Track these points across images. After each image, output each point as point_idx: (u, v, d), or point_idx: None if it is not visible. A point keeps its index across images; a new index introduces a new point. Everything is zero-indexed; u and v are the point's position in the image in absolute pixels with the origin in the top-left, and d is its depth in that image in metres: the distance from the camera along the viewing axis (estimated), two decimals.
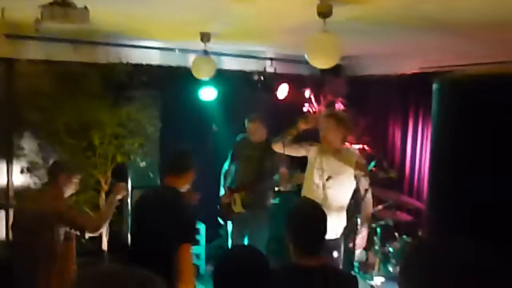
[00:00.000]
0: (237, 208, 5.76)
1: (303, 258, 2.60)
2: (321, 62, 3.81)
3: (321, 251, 2.67)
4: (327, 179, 4.56)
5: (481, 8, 3.52)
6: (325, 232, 2.70)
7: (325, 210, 2.82)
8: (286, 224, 2.73)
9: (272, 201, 5.89)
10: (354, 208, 4.75)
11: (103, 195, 5.69)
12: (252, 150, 5.70)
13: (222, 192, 5.99)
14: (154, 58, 6.31)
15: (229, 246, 5.90)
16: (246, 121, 5.74)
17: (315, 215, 2.74)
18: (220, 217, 6.00)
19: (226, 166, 6.02)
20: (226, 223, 6.04)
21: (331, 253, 4.41)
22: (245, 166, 5.77)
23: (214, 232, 6.81)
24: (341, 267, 4.58)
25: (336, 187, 4.56)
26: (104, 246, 5.75)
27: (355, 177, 4.56)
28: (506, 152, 1.71)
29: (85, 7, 3.23)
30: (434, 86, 2.07)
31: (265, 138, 5.63)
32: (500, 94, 1.76)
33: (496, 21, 3.93)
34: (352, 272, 5.33)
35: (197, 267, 6.40)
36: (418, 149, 6.28)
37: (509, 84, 1.78)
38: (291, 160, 5.50)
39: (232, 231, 5.86)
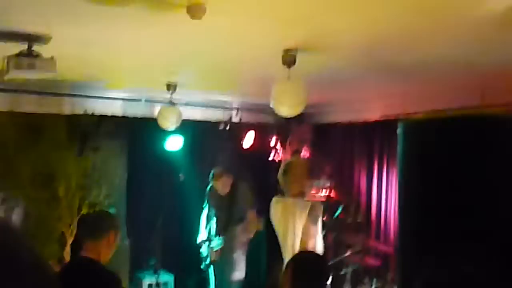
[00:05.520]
0: (213, 255, 5.95)
1: None
2: (287, 110, 3.86)
3: None
4: None
5: (441, 54, 3.66)
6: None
7: None
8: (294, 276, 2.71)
9: (245, 246, 6.00)
10: None
11: (67, 248, 5.56)
12: (221, 200, 5.88)
13: (200, 234, 6.11)
14: (120, 108, 6.30)
15: None
16: (210, 178, 5.89)
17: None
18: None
19: (203, 211, 6.16)
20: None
21: None
22: (217, 215, 5.96)
23: (183, 283, 6.69)
24: None
25: None
26: None
27: None
28: (469, 190, 1.76)
29: (52, 57, 3.23)
30: (398, 129, 2.13)
31: (232, 186, 5.83)
32: (462, 135, 1.82)
33: (455, 66, 4.07)
34: None
35: None
36: (384, 193, 6.35)
37: (470, 125, 1.85)
38: (259, 203, 5.61)
39: (214, 276, 6.05)
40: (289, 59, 3.54)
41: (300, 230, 4.60)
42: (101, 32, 3.11)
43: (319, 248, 4.65)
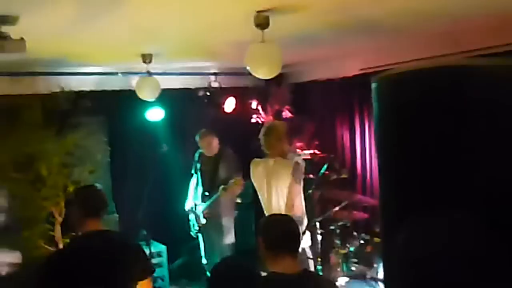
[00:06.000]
0: (201, 220, 6.00)
1: (283, 266, 2.59)
2: (264, 72, 3.86)
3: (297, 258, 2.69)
4: None
5: (413, 4, 3.64)
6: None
7: None
8: (262, 234, 2.73)
9: (233, 210, 6.04)
10: None
11: (58, 227, 5.57)
12: (207, 164, 5.91)
13: (187, 201, 6.17)
14: (97, 83, 6.24)
15: (203, 257, 6.12)
16: (196, 138, 5.89)
17: (289, 222, 2.81)
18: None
19: (193, 178, 6.21)
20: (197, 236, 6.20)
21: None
22: (203, 179, 5.96)
23: (175, 252, 6.77)
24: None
25: None
26: None
27: None
28: (445, 142, 1.78)
29: (22, 38, 3.18)
30: (373, 84, 2.13)
31: (218, 150, 5.84)
32: (436, 86, 1.83)
33: (430, 16, 4.07)
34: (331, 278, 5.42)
35: None
36: (367, 147, 6.41)
37: (444, 76, 1.85)
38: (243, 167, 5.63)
39: (203, 242, 6.10)
40: (262, 21, 3.51)
41: (284, 190, 4.66)
42: (69, 9, 3.06)
43: (302, 206, 4.73)
